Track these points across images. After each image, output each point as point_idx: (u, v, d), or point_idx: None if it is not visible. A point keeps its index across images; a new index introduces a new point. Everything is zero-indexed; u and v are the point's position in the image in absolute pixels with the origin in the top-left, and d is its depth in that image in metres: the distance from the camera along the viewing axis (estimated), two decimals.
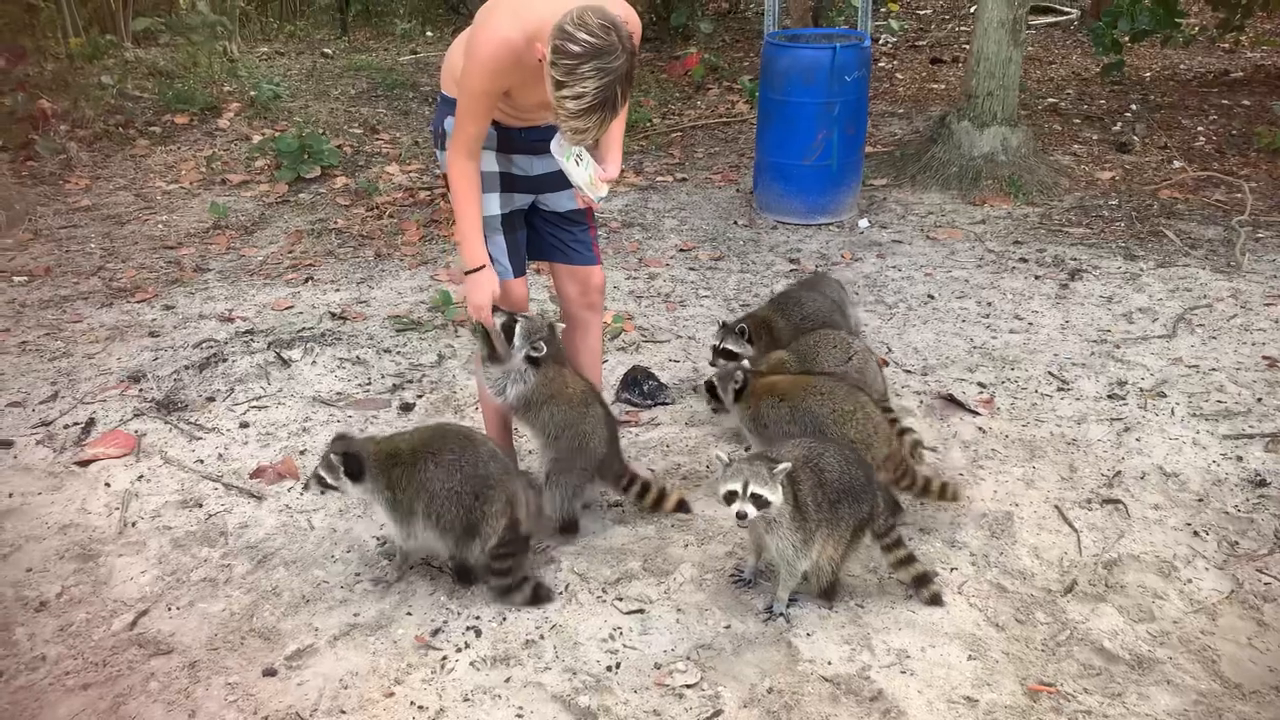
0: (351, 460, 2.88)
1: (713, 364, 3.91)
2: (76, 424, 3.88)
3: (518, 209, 3.15)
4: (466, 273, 3.02)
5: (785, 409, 3.27)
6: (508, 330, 3.07)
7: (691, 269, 5.51)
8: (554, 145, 2.89)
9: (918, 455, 3.45)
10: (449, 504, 2.88)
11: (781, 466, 2.70)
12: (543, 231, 3.26)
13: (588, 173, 2.95)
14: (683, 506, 3.33)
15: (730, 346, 3.90)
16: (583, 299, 3.33)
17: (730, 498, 2.69)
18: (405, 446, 2.96)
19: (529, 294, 3.29)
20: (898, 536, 2.92)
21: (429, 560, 3.10)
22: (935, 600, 2.89)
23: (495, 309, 3.05)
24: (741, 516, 2.69)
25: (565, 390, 3.16)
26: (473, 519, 2.89)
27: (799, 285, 4.46)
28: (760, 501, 2.67)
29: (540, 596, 2.93)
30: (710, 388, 3.57)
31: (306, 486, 2.97)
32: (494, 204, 3.08)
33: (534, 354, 3.07)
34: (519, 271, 3.17)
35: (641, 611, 2.88)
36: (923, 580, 2.90)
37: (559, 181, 3.13)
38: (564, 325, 3.33)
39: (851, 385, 3.32)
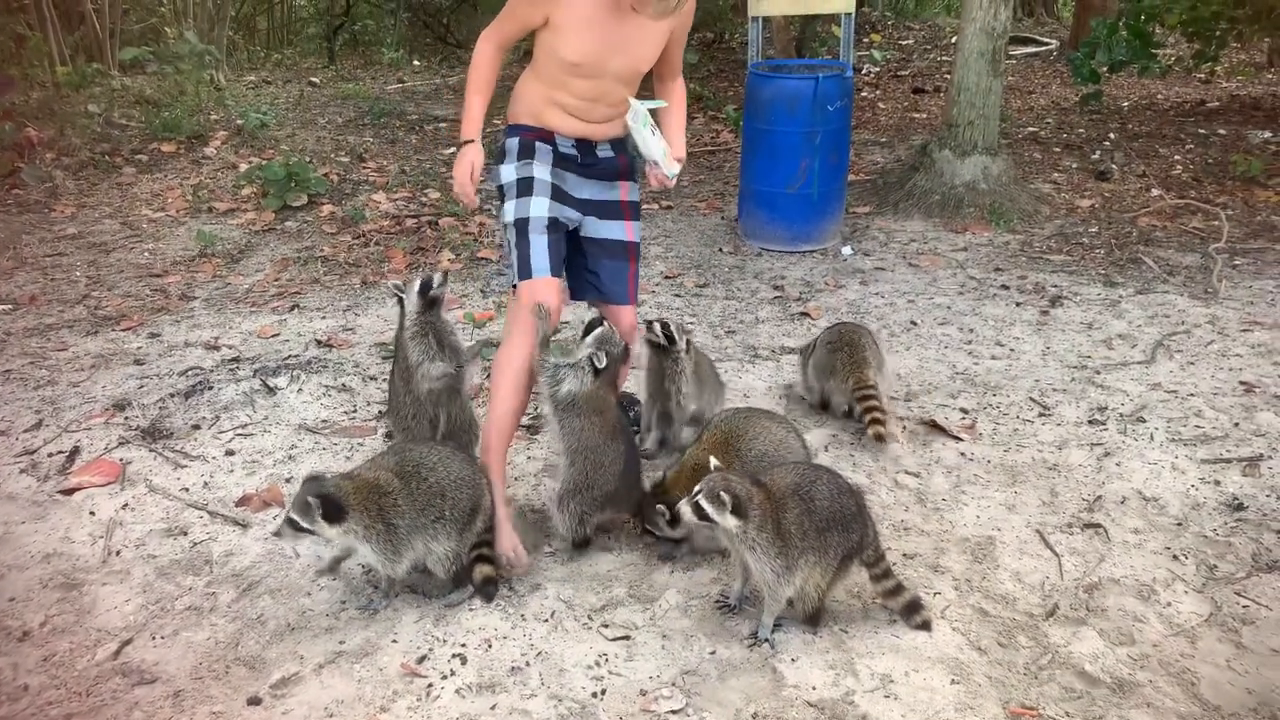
0: (329, 502, 2.79)
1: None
2: (61, 452, 3.87)
3: (565, 220, 3.22)
4: (460, 145, 3.17)
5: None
6: (589, 327, 3.18)
7: (677, 296, 5.55)
8: (630, 116, 2.90)
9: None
10: (462, 490, 3.01)
11: (732, 498, 2.70)
12: (584, 262, 3.31)
13: (662, 146, 2.96)
14: None
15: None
16: None
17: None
18: (382, 475, 2.94)
19: (563, 302, 3.28)
20: (886, 567, 2.94)
21: (414, 588, 3.10)
22: (925, 627, 2.90)
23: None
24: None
25: (606, 415, 3.17)
26: (476, 494, 3.05)
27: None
28: (699, 512, 2.73)
29: (489, 591, 3.06)
30: (665, 328, 3.55)
31: (278, 534, 2.91)
32: (544, 206, 3.15)
33: (596, 362, 3.08)
34: (555, 272, 3.18)
35: (627, 638, 2.89)
36: (912, 608, 2.92)
37: (603, 209, 3.20)
38: None
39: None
